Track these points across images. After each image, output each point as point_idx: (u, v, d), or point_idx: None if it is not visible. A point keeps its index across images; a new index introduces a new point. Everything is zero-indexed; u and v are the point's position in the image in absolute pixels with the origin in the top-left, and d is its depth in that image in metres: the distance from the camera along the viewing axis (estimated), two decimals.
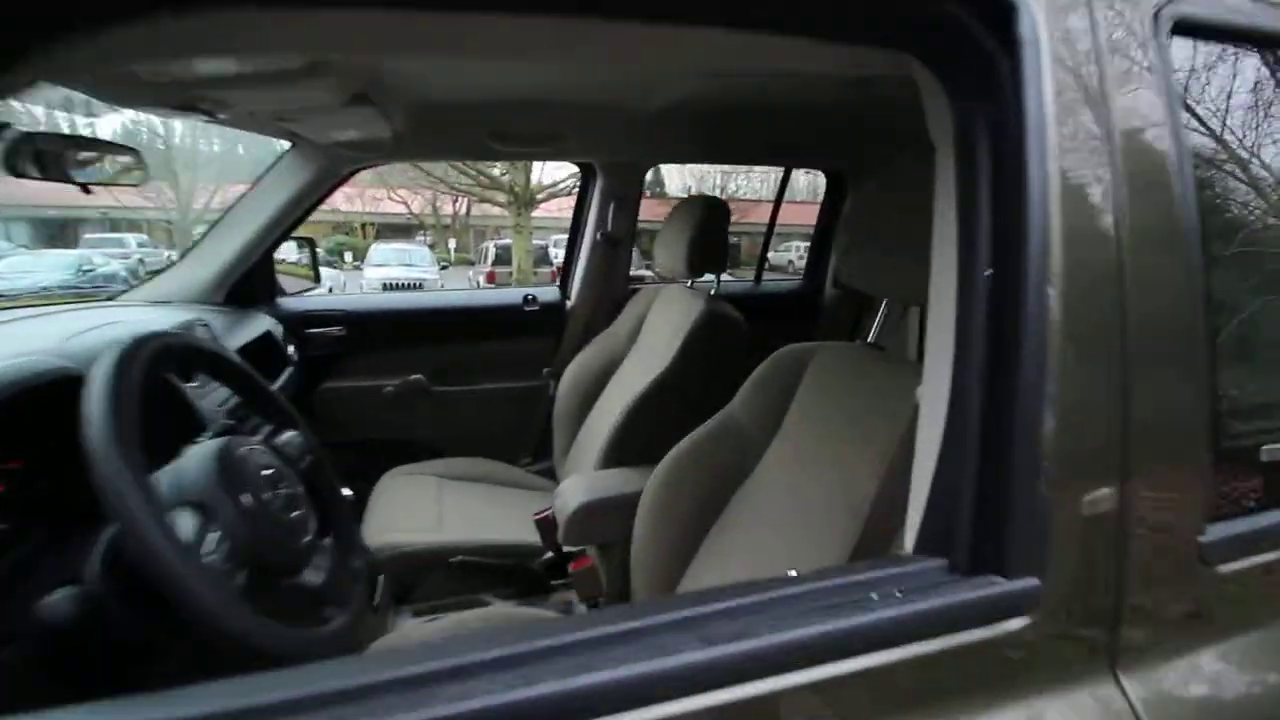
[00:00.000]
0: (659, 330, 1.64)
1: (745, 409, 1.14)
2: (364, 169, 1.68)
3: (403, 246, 12.93)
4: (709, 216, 1.51)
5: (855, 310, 2.32)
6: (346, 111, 1.24)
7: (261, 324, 1.60)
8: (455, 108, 1.44)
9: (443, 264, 12.56)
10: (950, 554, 0.47)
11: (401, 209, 15.73)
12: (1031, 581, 0.45)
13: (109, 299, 1.56)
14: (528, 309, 2.00)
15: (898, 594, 0.43)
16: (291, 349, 1.71)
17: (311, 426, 1.85)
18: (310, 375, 1.80)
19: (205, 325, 1.20)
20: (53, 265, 7.56)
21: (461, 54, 0.87)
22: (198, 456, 0.70)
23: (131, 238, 13.88)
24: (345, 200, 16.13)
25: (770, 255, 2.50)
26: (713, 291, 1.59)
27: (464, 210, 16.93)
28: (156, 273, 1.60)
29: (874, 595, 0.43)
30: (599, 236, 1.96)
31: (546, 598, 1.41)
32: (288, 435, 0.91)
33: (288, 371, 1.59)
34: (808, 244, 2.45)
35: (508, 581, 1.41)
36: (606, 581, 1.29)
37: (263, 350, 1.56)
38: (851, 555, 0.84)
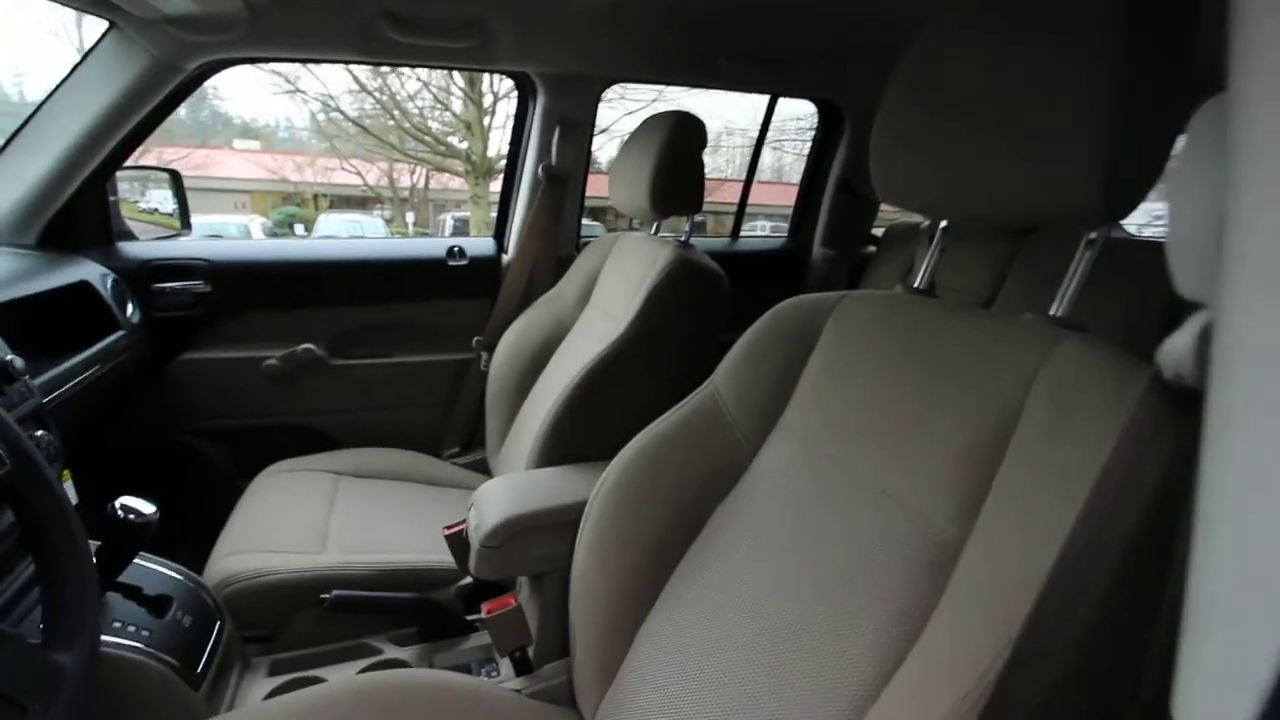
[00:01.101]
0: (615, 287, 1.28)
1: (731, 386, 0.80)
2: (217, 66, 1.25)
3: (354, 217, 12.23)
4: (681, 138, 1.15)
5: (851, 272, 2.00)
6: None
7: (77, 273, 1.18)
8: None
9: (398, 237, 11.88)
10: None
11: (356, 180, 14.88)
12: None
13: None
14: (453, 264, 1.61)
15: None
16: (130, 309, 1.30)
17: (163, 410, 1.47)
18: (161, 343, 1.39)
19: None
20: None
21: None
22: None
23: None
24: (295, 170, 15.26)
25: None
26: (684, 237, 1.24)
27: (422, 182, 16.21)
28: None
29: None
30: (540, 172, 1.57)
31: (462, 639, 1.05)
32: None
33: (114, 336, 1.18)
34: (774, 223, 2.14)
35: (406, 619, 1.05)
36: (537, 625, 0.94)
37: (74, 307, 1.14)
38: (918, 640, 0.51)
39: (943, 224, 0.69)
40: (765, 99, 1.90)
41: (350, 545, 1.09)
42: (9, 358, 0.79)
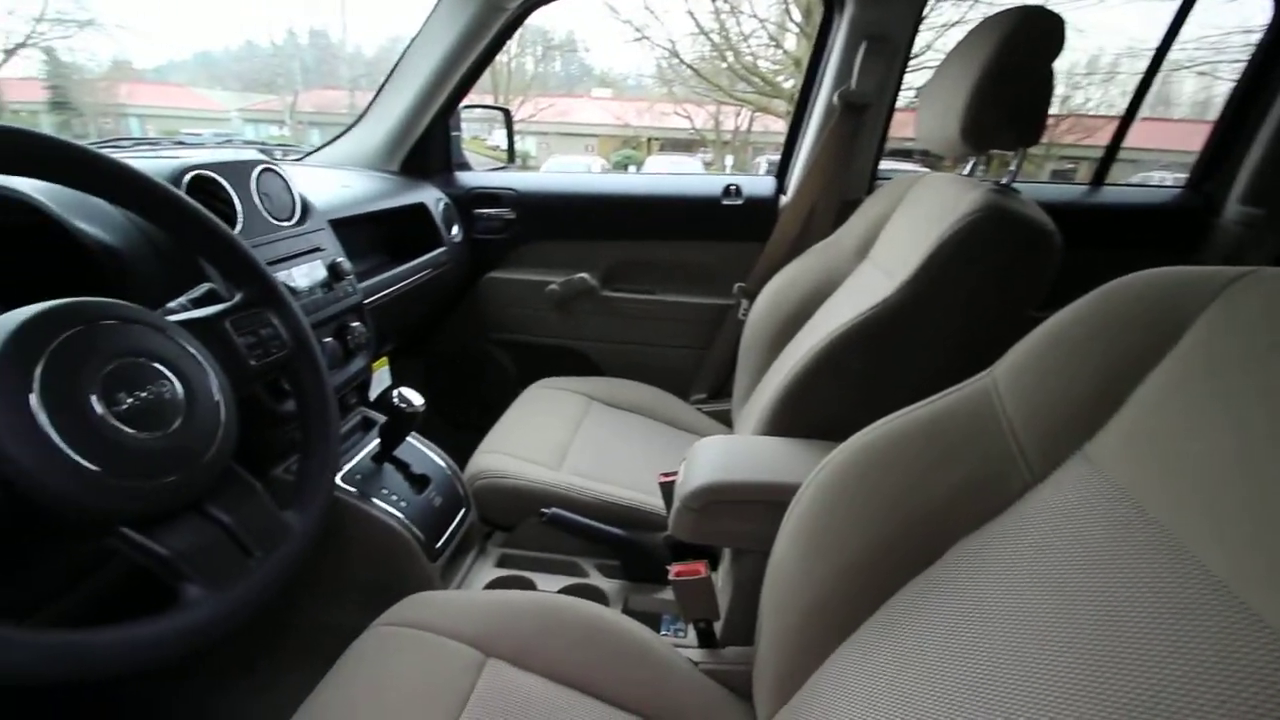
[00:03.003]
0: (900, 237, 1.06)
1: (1017, 384, 0.58)
2: (533, 5, 1.34)
3: (677, 160, 13.02)
4: (1022, 42, 0.86)
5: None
6: None
7: (419, 195, 1.42)
8: None
9: None
10: None
11: (686, 124, 15.72)
12: None
13: (297, 160, 1.53)
14: (727, 203, 1.52)
15: None
16: (455, 229, 1.53)
17: (472, 318, 1.72)
18: (477, 261, 1.62)
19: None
20: None
21: None
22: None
23: None
24: (636, 115, 16.78)
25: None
26: (1006, 179, 0.95)
27: (745, 126, 16.39)
28: (335, 139, 1.51)
29: None
30: (836, 99, 1.36)
31: (660, 589, 1.03)
32: (266, 314, 0.64)
33: (436, 251, 1.39)
34: (1176, 176, 1.54)
35: (612, 551, 1.07)
36: (729, 603, 0.86)
37: (409, 224, 1.38)
38: None
39: None
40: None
41: (581, 469, 1.15)
42: (340, 259, 0.97)
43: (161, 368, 0.50)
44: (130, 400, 0.47)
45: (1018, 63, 0.86)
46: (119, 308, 0.51)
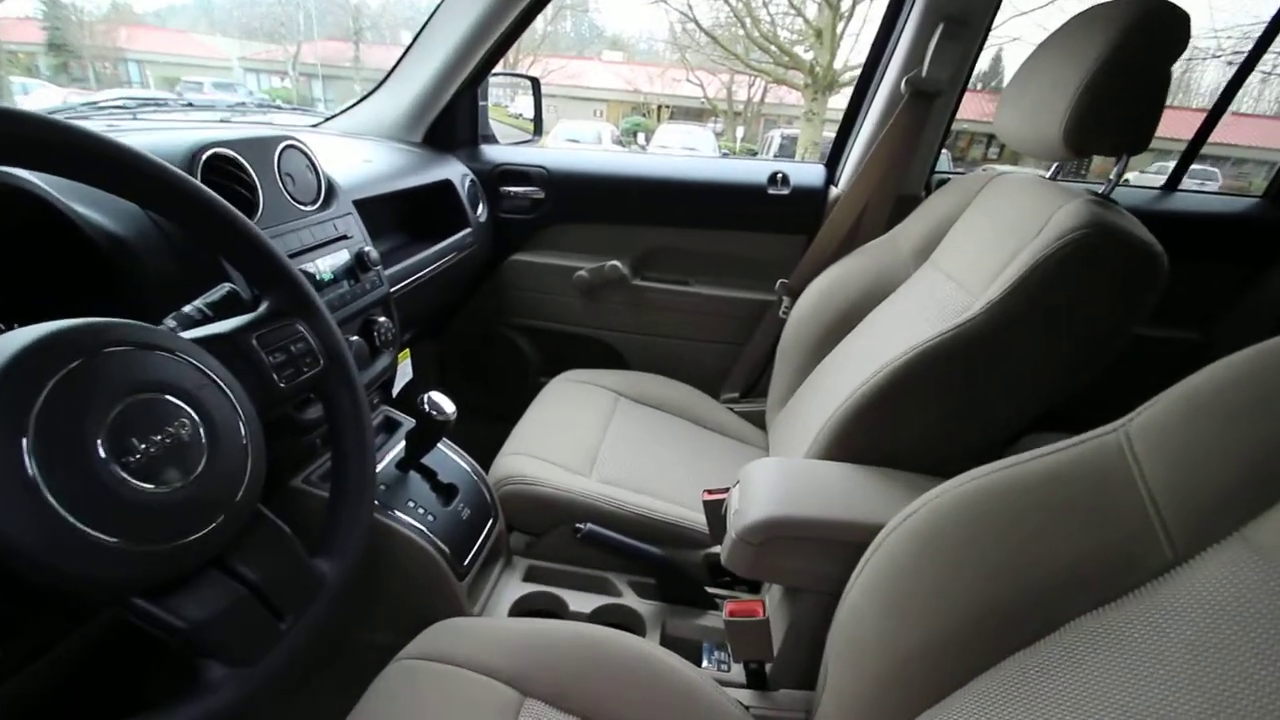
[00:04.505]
0: (975, 246, 0.97)
1: (1160, 450, 0.51)
2: None
3: (688, 129, 12.72)
4: (1144, 39, 0.76)
5: None
6: None
7: (445, 171, 1.32)
8: None
9: (724, 153, 12.01)
10: None
11: (697, 92, 15.39)
12: None
13: (312, 127, 1.42)
14: (773, 192, 1.42)
15: None
16: (481, 208, 1.43)
17: (491, 302, 1.62)
18: (501, 242, 1.52)
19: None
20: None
21: None
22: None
23: None
24: (647, 80, 16.37)
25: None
26: (1106, 188, 0.86)
27: (758, 97, 16.04)
28: (354, 105, 1.40)
29: None
30: (904, 85, 1.25)
31: (699, 613, 0.97)
32: (286, 324, 0.55)
33: (462, 233, 1.30)
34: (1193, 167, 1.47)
35: (650, 571, 1.00)
36: (781, 643, 0.80)
37: (433, 202, 1.28)
38: None
39: None
40: None
41: (613, 476, 1.07)
42: (367, 249, 0.88)
43: (180, 403, 0.42)
44: (144, 448, 0.39)
45: (1136, 61, 0.77)
46: (130, 330, 0.42)
